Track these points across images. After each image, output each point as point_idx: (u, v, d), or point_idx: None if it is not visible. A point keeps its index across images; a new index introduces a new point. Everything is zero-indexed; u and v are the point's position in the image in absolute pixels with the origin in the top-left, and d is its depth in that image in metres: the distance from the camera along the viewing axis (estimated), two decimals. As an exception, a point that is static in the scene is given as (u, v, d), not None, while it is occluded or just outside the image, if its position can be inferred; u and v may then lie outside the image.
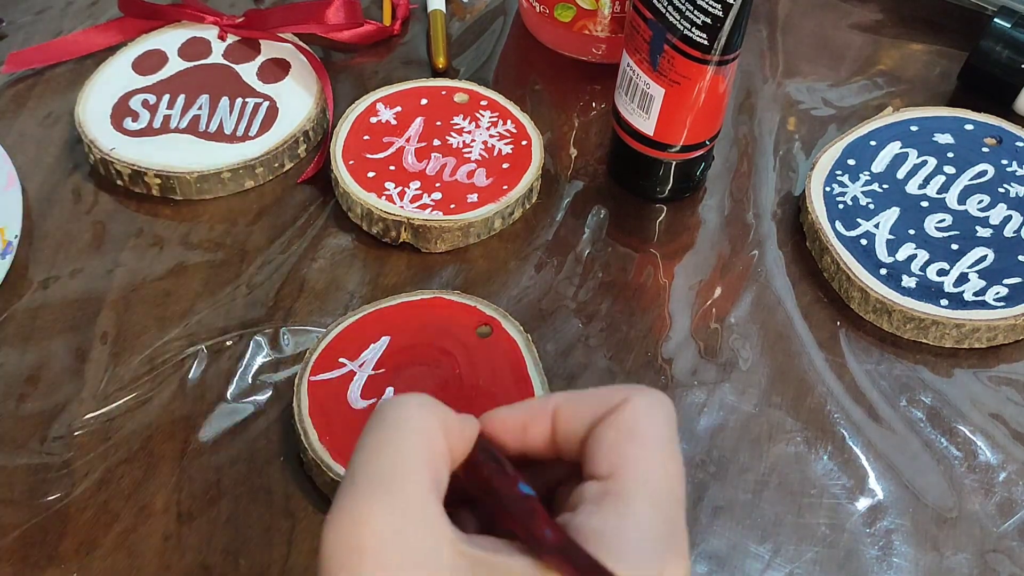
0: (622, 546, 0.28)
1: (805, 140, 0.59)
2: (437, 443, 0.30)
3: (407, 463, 0.29)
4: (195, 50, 0.60)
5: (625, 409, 0.31)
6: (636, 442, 0.30)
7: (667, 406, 0.31)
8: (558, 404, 0.32)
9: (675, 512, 0.29)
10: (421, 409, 0.30)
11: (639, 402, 0.31)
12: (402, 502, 0.28)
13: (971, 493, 0.45)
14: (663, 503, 0.29)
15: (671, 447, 0.30)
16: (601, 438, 0.30)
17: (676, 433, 0.31)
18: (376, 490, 0.28)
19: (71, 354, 0.48)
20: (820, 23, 0.66)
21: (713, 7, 0.45)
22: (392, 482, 0.28)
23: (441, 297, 0.48)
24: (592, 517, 0.29)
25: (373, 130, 0.55)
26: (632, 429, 0.30)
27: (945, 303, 0.49)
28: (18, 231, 0.52)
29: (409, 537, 0.27)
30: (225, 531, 0.42)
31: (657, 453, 0.30)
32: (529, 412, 0.32)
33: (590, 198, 0.55)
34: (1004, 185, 0.54)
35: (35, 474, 0.44)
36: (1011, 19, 0.58)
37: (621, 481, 0.29)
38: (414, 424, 0.30)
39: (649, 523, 0.29)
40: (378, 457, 0.29)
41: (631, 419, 0.30)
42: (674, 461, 0.30)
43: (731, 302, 0.51)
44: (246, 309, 0.50)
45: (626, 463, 0.30)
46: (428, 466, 0.29)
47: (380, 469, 0.29)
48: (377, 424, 0.30)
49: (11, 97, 0.60)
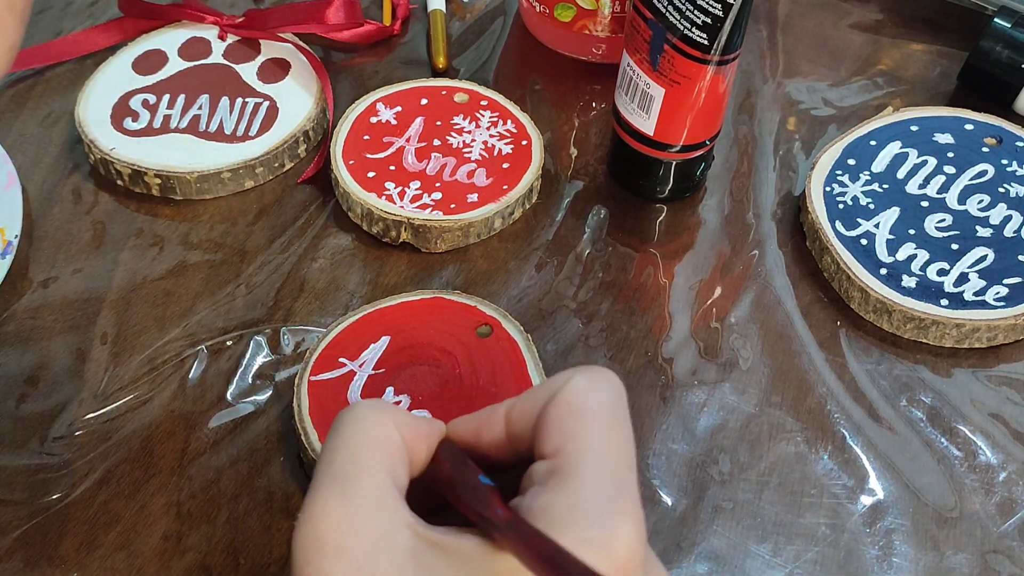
0: (569, 516, 0.28)
1: (805, 140, 0.59)
2: (389, 437, 0.31)
3: (359, 458, 0.30)
4: (195, 50, 0.60)
5: (567, 388, 0.31)
6: (576, 416, 0.31)
7: (609, 378, 0.32)
8: (509, 405, 0.33)
9: (622, 475, 0.30)
10: (370, 410, 0.32)
11: (579, 379, 0.32)
12: (357, 494, 0.29)
13: (971, 493, 0.45)
14: (608, 469, 0.30)
15: (615, 415, 0.31)
16: (546, 419, 0.31)
17: (623, 402, 0.32)
18: (333, 487, 0.29)
19: (71, 354, 0.48)
20: (820, 23, 0.66)
21: (713, 7, 0.45)
22: (347, 478, 0.29)
23: (441, 297, 0.48)
24: (539, 496, 0.29)
25: (373, 130, 0.55)
26: (573, 404, 0.31)
27: (945, 303, 0.49)
28: (18, 231, 0.52)
29: (365, 525, 0.28)
30: (225, 531, 0.42)
31: (600, 423, 0.31)
32: (482, 418, 0.33)
33: (590, 198, 0.55)
34: (1004, 185, 0.54)
35: (35, 474, 0.44)
36: (1011, 19, 0.58)
37: (565, 455, 0.30)
38: (366, 423, 0.31)
39: (593, 489, 0.29)
40: (334, 457, 0.30)
41: (573, 395, 0.31)
42: (619, 427, 0.31)
43: (731, 302, 0.51)
44: (246, 309, 0.50)
45: (569, 437, 0.30)
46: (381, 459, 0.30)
47: (336, 467, 0.30)
48: (334, 429, 0.32)
49: (11, 97, 0.60)
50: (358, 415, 0.31)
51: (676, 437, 0.46)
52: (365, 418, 0.31)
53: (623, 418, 0.31)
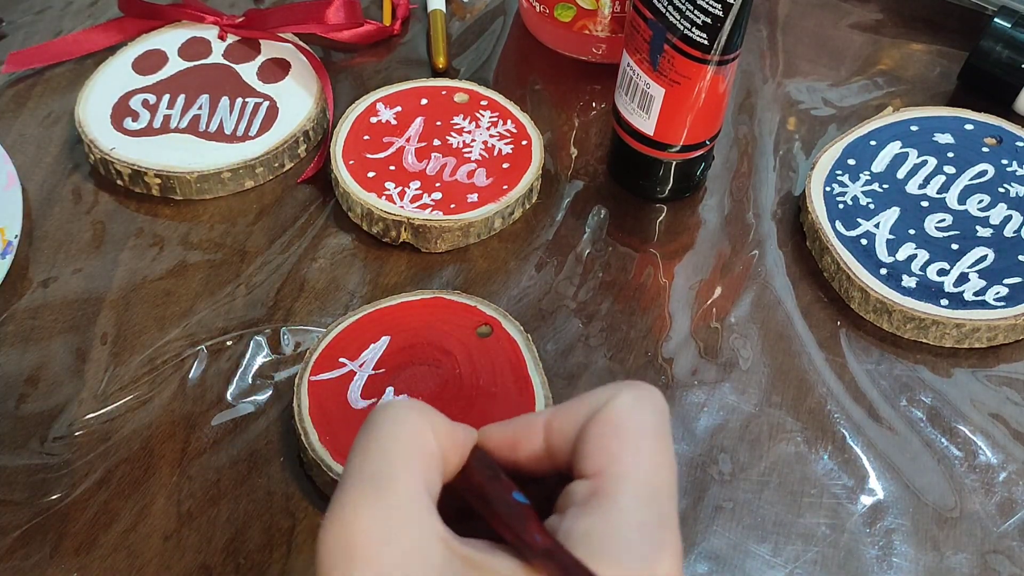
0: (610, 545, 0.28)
1: (805, 140, 0.59)
2: (427, 444, 0.30)
3: (396, 463, 0.29)
4: (195, 50, 0.60)
5: (611, 405, 0.30)
6: (621, 437, 0.30)
7: (655, 398, 0.31)
8: (549, 417, 0.32)
9: (665, 505, 0.29)
10: (410, 412, 0.30)
11: (625, 397, 0.31)
12: (391, 501, 0.28)
13: (971, 493, 0.45)
14: (651, 497, 0.29)
15: (660, 439, 0.30)
16: (588, 437, 0.30)
17: (667, 425, 0.31)
18: (366, 491, 0.28)
19: (71, 354, 0.48)
20: (820, 23, 0.66)
21: (713, 7, 0.45)
22: (381, 482, 0.28)
23: (441, 297, 0.48)
24: (580, 519, 0.29)
25: (373, 130, 0.55)
26: (618, 424, 0.30)
27: (945, 303, 0.49)
28: (18, 231, 0.52)
29: (399, 535, 0.27)
30: (225, 531, 0.42)
31: (643, 446, 0.30)
32: (519, 427, 0.32)
33: (590, 198, 0.55)
34: (1004, 185, 0.54)
35: (35, 474, 0.44)
36: (1011, 19, 0.58)
37: (607, 478, 0.29)
38: (403, 426, 0.30)
39: (636, 519, 0.28)
40: (368, 459, 0.29)
41: (617, 415, 0.30)
42: (663, 453, 0.30)
43: (731, 302, 0.51)
44: (246, 309, 0.50)
45: (612, 459, 0.29)
46: (418, 466, 0.29)
47: (370, 470, 0.29)
48: (368, 428, 0.30)
49: (11, 97, 0.60)
50: (396, 416, 0.30)
51: (676, 437, 0.46)
52: (404, 421, 0.30)
53: (667, 440, 0.30)
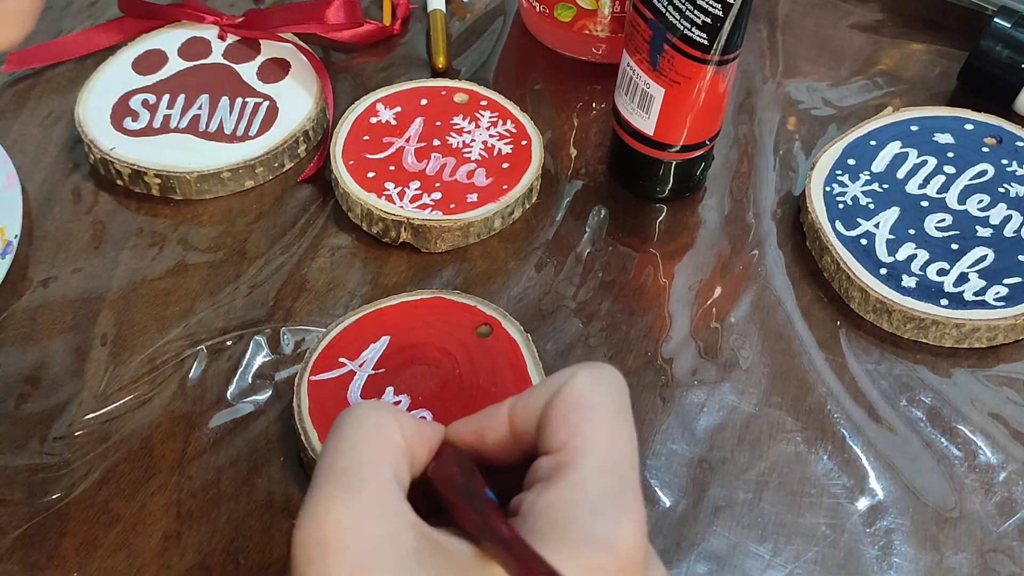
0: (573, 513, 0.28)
1: (805, 140, 0.59)
2: (393, 437, 0.31)
3: (363, 457, 0.30)
4: (195, 50, 0.60)
5: (570, 384, 0.31)
6: (581, 411, 0.31)
7: (613, 375, 0.32)
8: (512, 404, 0.33)
9: (627, 474, 0.30)
10: (375, 411, 0.31)
11: (583, 375, 0.32)
12: (360, 493, 0.29)
13: (971, 493, 0.45)
14: (612, 466, 0.30)
15: (619, 412, 0.31)
16: (550, 415, 0.31)
17: (626, 400, 0.32)
18: (335, 486, 0.29)
19: (71, 354, 0.48)
20: (820, 23, 0.66)
21: (713, 7, 0.45)
22: (350, 476, 0.29)
23: (441, 297, 0.48)
24: (544, 492, 0.29)
25: (373, 130, 0.55)
26: (578, 400, 0.31)
27: (945, 303, 0.49)
28: (18, 231, 0.52)
29: (370, 525, 0.28)
30: (225, 531, 0.42)
31: (603, 418, 0.31)
32: (484, 418, 0.33)
33: (590, 198, 0.55)
34: (1004, 185, 0.54)
35: (35, 474, 0.44)
36: (1011, 19, 0.58)
37: (569, 451, 0.30)
38: (369, 423, 0.31)
39: (596, 486, 0.29)
40: (336, 457, 0.30)
41: (577, 391, 0.31)
42: (622, 425, 0.31)
43: (731, 302, 0.51)
44: (246, 309, 0.50)
45: (573, 432, 0.30)
46: (385, 459, 0.30)
47: (338, 467, 0.30)
48: (336, 429, 0.31)
49: (11, 97, 0.60)
50: (361, 415, 0.31)
51: (676, 437, 0.46)
52: (368, 418, 0.31)
53: (626, 414, 0.31)
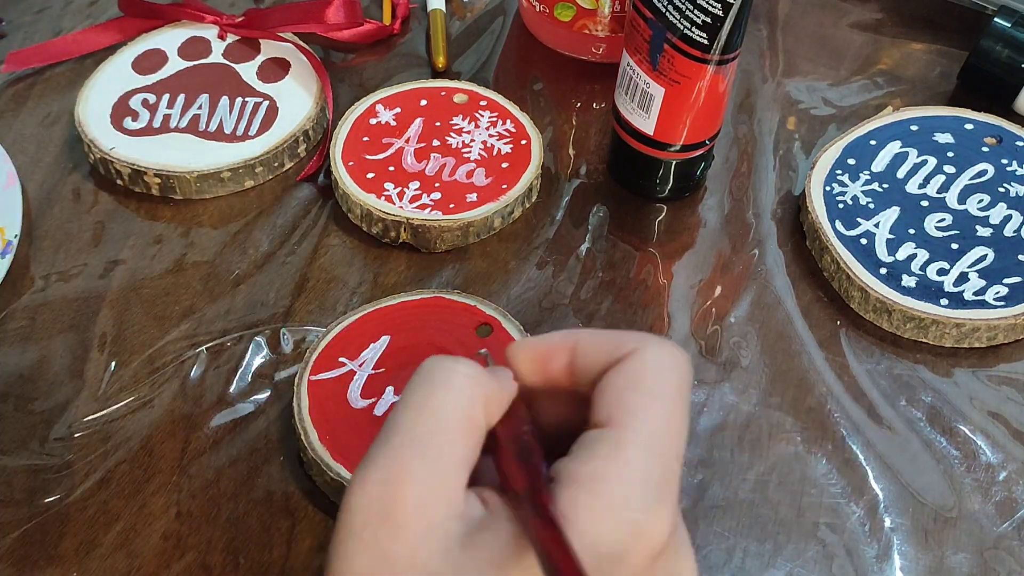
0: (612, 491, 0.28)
1: (805, 139, 0.59)
2: (478, 417, 0.30)
3: (449, 434, 0.29)
4: (195, 49, 0.60)
5: (634, 357, 0.30)
6: (639, 391, 0.29)
7: (679, 358, 0.31)
8: (578, 339, 0.32)
9: (670, 465, 0.29)
10: (468, 379, 0.30)
11: (649, 352, 0.30)
12: (437, 473, 0.28)
13: (971, 492, 0.45)
14: (658, 454, 0.29)
15: (676, 400, 0.30)
16: (606, 386, 0.30)
17: (687, 388, 0.30)
18: (413, 457, 0.28)
19: (71, 354, 0.48)
20: (820, 22, 0.66)
21: (713, 6, 0.45)
22: (429, 452, 0.28)
23: (441, 296, 0.48)
24: (586, 462, 0.28)
25: (372, 131, 0.55)
26: (637, 378, 0.30)
27: (945, 302, 0.49)
28: (18, 230, 0.52)
29: (435, 507, 0.27)
30: (225, 531, 0.42)
31: (659, 404, 0.29)
32: (551, 344, 0.32)
33: (590, 197, 0.55)
34: (1004, 184, 0.54)
35: (35, 474, 0.44)
36: (1011, 19, 0.58)
37: (619, 428, 0.29)
38: (460, 395, 0.29)
39: (641, 471, 0.28)
40: (418, 419, 0.29)
41: (638, 368, 0.30)
42: (678, 415, 0.30)
43: (731, 301, 0.51)
44: (246, 309, 0.50)
45: (626, 411, 0.29)
46: (465, 439, 0.29)
47: (419, 435, 0.28)
48: (422, 385, 0.29)
49: (11, 97, 0.60)
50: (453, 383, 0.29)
51: (676, 437, 0.46)
52: (461, 390, 0.29)
53: (684, 402, 0.30)
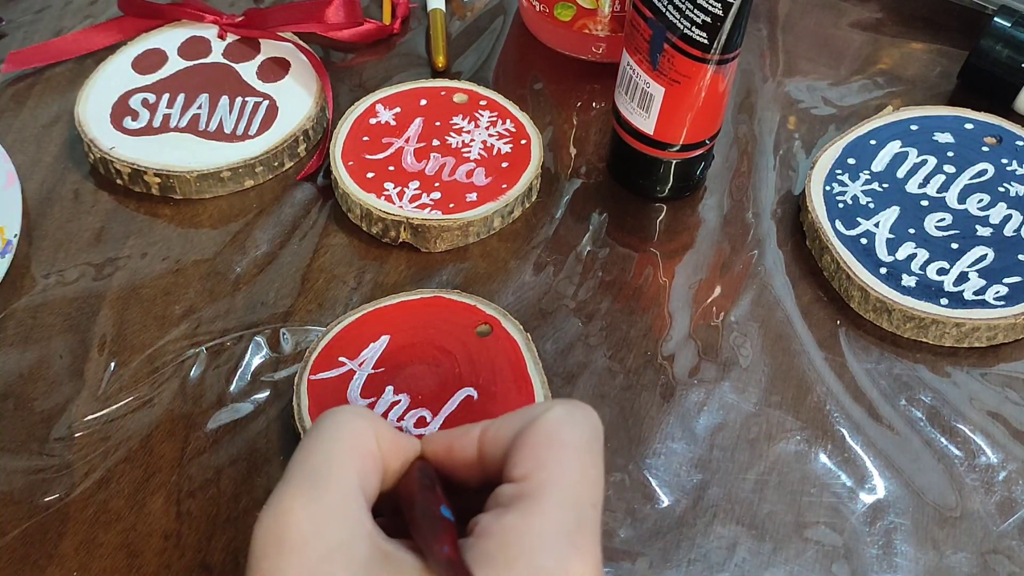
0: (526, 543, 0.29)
1: (805, 139, 0.59)
2: (368, 447, 0.32)
3: (334, 463, 0.31)
4: (195, 49, 0.60)
5: (544, 417, 0.32)
6: (553, 446, 0.31)
7: (588, 414, 0.33)
8: (484, 427, 0.33)
9: (587, 514, 0.30)
10: (355, 417, 0.32)
11: (558, 410, 0.32)
12: (324, 497, 0.29)
13: (971, 492, 0.45)
14: (573, 504, 0.30)
15: (589, 453, 0.31)
16: (519, 445, 0.31)
17: (599, 441, 0.32)
18: (302, 486, 0.30)
19: (71, 354, 0.48)
20: (820, 22, 0.66)
21: (713, 6, 0.45)
22: (318, 480, 0.30)
23: (441, 296, 0.48)
24: (502, 517, 0.30)
25: (372, 131, 0.55)
26: (550, 434, 0.31)
27: (945, 302, 0.49)
28: (18, 230, 0.52)
29: (328, 530, 0.29)
30: (225, 531, 0.42)
31: (571, 456, 0.31)
32: (457, 436, 0.34)
33: (590, 197, 0.55)
34: (1004, 184, 0.54)
35: (35, 474, 0.44)
36: (1011, 18, 0.58)
37: (533, 483, 0.30)
38: (346, 429, 0.32)
39: (554, 519, 0.29)
40: (309, 458, 0.31)
41: (550, 425, 0.32)
42: (591, 466, 0.31)
43: (731, 301, 0.51)
44: (246, 309, 0.50)
45: (539, 465, 0.31)
46: (355, 467, 0.31)
47: (309, 468, 0.30)
48: (314, 429, 0.32)
49: (11, 96, 0.60)
50: (340, 419, 0.32)
51: (676, 436, 0.46)
52: (347, 423, 0.32)
53: (596, 455, 0.32)
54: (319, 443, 0.31)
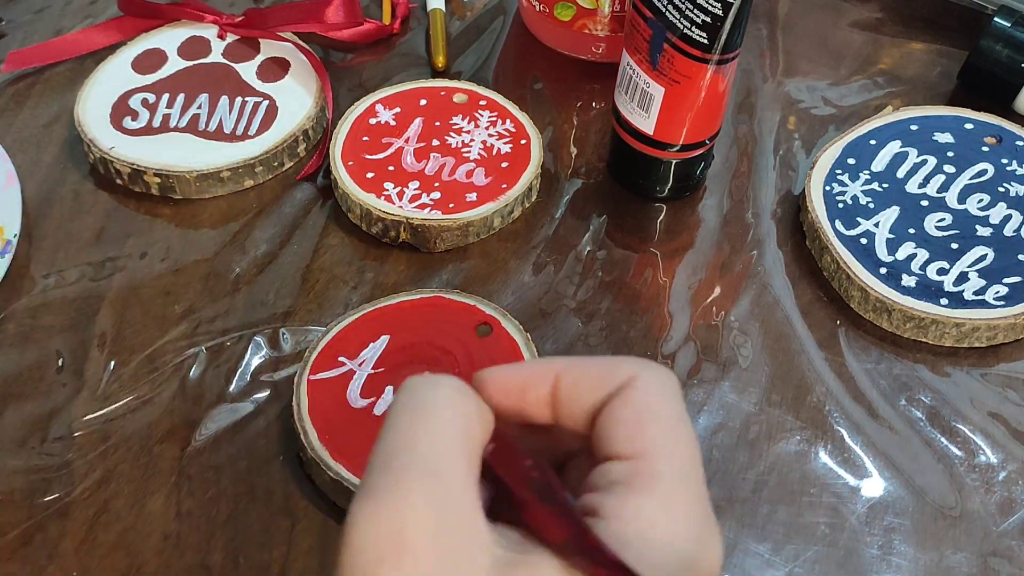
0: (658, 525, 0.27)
1: (805, 139, 0.59)
2: (474, 433, 0.28)
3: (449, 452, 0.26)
4: (195, 49, 0.60)
5: (636, 386, 0.29)
6: (657, 422, 0.29)
7: (675, 382, 0.30)
8: (559, 370, 0.30)
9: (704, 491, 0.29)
10: (458, 395, 0.28)
11: (651, 379, 0.30)
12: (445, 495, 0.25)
13: (971, 492, 0.45)
14: (695, 483, 0.28)
15: (687, 424, 0.30)
16: (616, 417, 0.29)
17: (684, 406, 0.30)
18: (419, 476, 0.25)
19: (71, 354, 0.48)
20: (820, 22, 0.66)
21: (713, 6, 0.45)
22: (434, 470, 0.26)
23: (441, 296, 0.48)
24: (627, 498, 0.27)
25: (372, 131, 0.55)
26: (649, 408, 0.29)
27: (945, 302, 0.49)
28: (17, 230, 0.52)
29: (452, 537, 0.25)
30: (225, 531, 0.42)
31: (680, 431, 0.29)
32: (529, 374, 0.31)
33: (590, 197, 0.55)
34: (1004, 184, 0.54)
35: (35, 474, 0.44)
36: (1011, 18, 0.58)
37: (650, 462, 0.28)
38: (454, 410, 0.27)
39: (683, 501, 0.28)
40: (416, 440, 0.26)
41: (645, 397, 0.29)
42: (694, 438, 0.29)
43: (731, 301, 0.51)
44: (246, 309, 0.50)
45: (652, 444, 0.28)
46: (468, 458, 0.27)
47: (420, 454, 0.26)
48: (411, 404, 0.27)
49: (11, 96, 0.60)
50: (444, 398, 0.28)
51: (676, 436, 0.46)
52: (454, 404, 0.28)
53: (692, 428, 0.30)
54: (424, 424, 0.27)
